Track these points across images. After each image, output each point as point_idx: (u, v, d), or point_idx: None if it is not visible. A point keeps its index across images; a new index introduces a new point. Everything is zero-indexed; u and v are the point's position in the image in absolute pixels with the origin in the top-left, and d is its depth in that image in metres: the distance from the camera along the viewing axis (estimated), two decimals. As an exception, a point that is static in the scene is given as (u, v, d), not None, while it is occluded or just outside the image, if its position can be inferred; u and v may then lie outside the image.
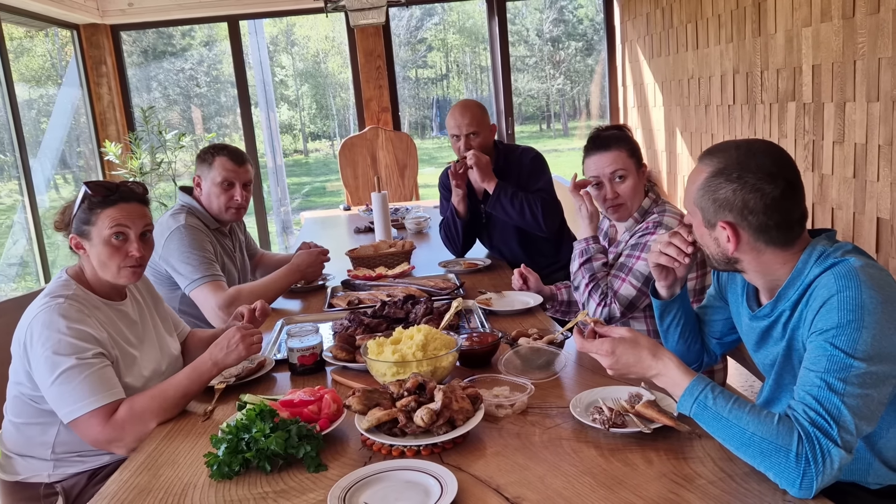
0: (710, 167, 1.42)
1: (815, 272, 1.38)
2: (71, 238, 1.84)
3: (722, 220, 1.41)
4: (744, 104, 4.27)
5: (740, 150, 1.41)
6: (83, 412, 1.68)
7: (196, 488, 1.40)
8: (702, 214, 1.45)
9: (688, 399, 1.32)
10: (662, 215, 2.17)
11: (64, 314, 1.72)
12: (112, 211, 1.82)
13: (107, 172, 6.13)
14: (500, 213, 2.97)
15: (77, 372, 1.68)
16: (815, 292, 1.35)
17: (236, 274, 2.83)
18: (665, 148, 5.57)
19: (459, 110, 3.01)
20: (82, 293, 1.83)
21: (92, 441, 1.71)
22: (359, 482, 1.33)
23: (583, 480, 1.31)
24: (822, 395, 1.23)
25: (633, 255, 2.14)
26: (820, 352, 1.27)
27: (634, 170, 2.21)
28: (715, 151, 1.44)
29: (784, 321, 1.44)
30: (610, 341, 1.44)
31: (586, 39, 15.88)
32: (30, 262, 5.32)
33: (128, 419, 1.69)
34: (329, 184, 14.62)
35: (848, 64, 3.25)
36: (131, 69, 6.69)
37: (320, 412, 1.56)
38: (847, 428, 1.21)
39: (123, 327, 1.90)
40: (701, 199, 1.43)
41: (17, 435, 1.87)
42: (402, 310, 2.29)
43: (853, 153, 3.27)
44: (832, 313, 1.28)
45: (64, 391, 1.68)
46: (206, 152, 2.75)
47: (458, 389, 1.54)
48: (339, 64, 16.01)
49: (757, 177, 1.37)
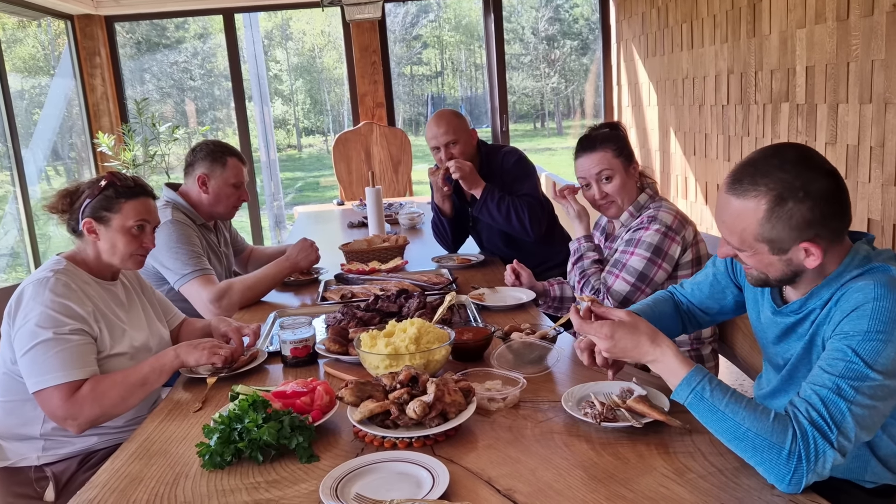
0: (765, 196, 1.31)
1: (853, 274, 1.35)
2: (85, 221, 1.90)
3: (804, 242, 1.32)
4: (738, 104, 4.29)
5: (783, 165, 1.31)
6: (49, 384, 1.72)
7: (188, 478, 1.40)
8: (770, 246, 1.35)
9: (684, 389, 1.31)
10: (658, 210, 2.18)
11: (51, 289, 1.78)
12: (136, 203, 1.94)
13: (99, 164, 6.10)
14: (486, 217, 2.94)
15: (52, 345, 1.73)
16: (847, 294, 1.32)
17: (220, 269, 2.83)
18: (659, 147, 5.59)
19: (435, 121, 2.99)
20: (73, 269, 1.89)
21: (50, 414, 1.76)
22: (351, 473, 1.33)
23: (574, 474, 1.32)
24: (830, 397, 1.22)
25: (627, 251, 2.15)
26: (839, 355, 1.25)
27: (621, 168, 2.22)
28: (755, 177, 1.33)
29: (813, 319, 1.41)
30: (609, 324, 1.41)
31: (581, 38, 15.90)
32: (21, 252, 5.29)
33: (87, 399, 1.73)
34: (323, 179, 14.60)
35: (841, 65, 3.27)
36: (125, 61, 6.66)
37: (313, 403, 1.56)
38: (847, 434, 1.20)
39: (112, 303, 1.95)
40: (771, 231, 1.32)
41: (7, 415, 1.88)
42: (395, 304, 2.29)
43: (845, 154, 3.29)
44: (863, 320, 1.25)
45: (36, 361, 1.73)
46: (218, 152, 2.75)
47: (451, 382, 1.55)
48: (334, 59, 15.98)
49: (820, 183, 1.30)
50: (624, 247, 2.16)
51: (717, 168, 4.63)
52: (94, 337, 1.82)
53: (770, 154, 1.35)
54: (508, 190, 2.96)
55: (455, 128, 2.97)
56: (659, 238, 2.11)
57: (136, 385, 1.79)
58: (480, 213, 2.94)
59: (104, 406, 1.76)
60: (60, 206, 1.94)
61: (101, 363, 1.84)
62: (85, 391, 1.74)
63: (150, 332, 2.04)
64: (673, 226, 2.14)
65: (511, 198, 2.90)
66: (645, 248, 2.11)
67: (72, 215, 1.93)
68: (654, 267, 2.11)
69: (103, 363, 1.84)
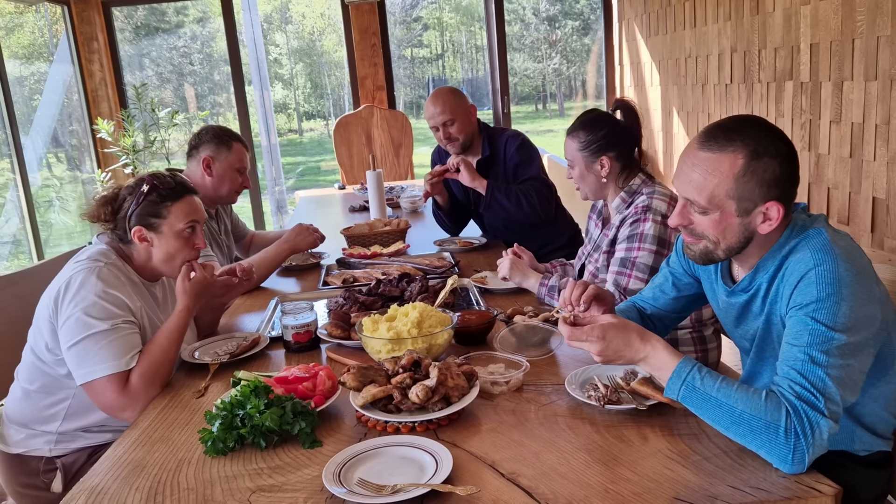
0: (742, 150, 1.33)
1: (791, 244, 1.39)
2: (136, 230, 1.85)
3: (770, 201, 1.34)
4: (741, 83, 4.25)
5: (754, 125, 1.36)
6: (101, 374, 1.70)
7: (191, 464, 1.40)
8: (738, 204, 1.36)
9: (676, 381, 1.30)
10: (651, 198, 2.14)
11: (102, 277, 1.75)
12: (183, 205, 1.88)
13: (99, 150, 6.09)
14: (497, 209, 2.86)
15: (104, 335, 1.70)
16: (790, 267, 1.36)
17: (221, 257, 2.82)
18: (661, 128, 5.55)
19: (432, 101, 2.96)
20: (121, 264, 1.86)
21: (104, 405, 1.73)
22: (354, 458, 1.33)
23: (578, 457, 1.31)
24: (806, 368, 1.24)
25: (632, 248, 2.11)
26: (801, 326, 1.28)
27: (581, 161, 2.20)
28: (729, 134, 1.35)
29: (763, 294, 1.44)
30: (599, 327, 1.38)
31: (583, 18, 15.76)
32: (22, 240, 5.29)
33: (140, 385, 1.71)
34: (324, 163, 14.56)
35: (846, 42, 3.23)
36: (123, 46, 6.61)
37: (315, 389, 1.55)
38: (833, 399, 1.22)
39: (153, 304, 1.94)
40: (744, 186, 1.34)
41: (26, 403, 1.86)
42: (397, 288, 2.28)
43: (850, 132, 3.26)
44: (811, 287, 1.29)
45: (87, 352, 1.70)
46: (224, 135, 2.76)
47: (454, 366, 1.54)
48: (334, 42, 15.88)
49: (783, 145, 1.35)
50: (627, 244, 2.12)
51: (720, 148, 4.59)
52: (141, 328, 1.81)
53: (738, 120, 1.40)
54: (514, 175, 2.94)
55: (452, 107, 2.94)
56: (660, 228, 2.09)
57: (166, 345, 1.78)
58: (490, 208, 2.86)
59: (156, 383, 1.74)
60: (102, 215, 1.88)
61: None
62: (135, 380, 1.71)
63: None
64: (668, 213, 2.12)
65: (516, 186, 2.87)
66: (649, 241, 2.08)
67: (117, 224, 1.88)
68: (662, 258, 2.08)
69: None
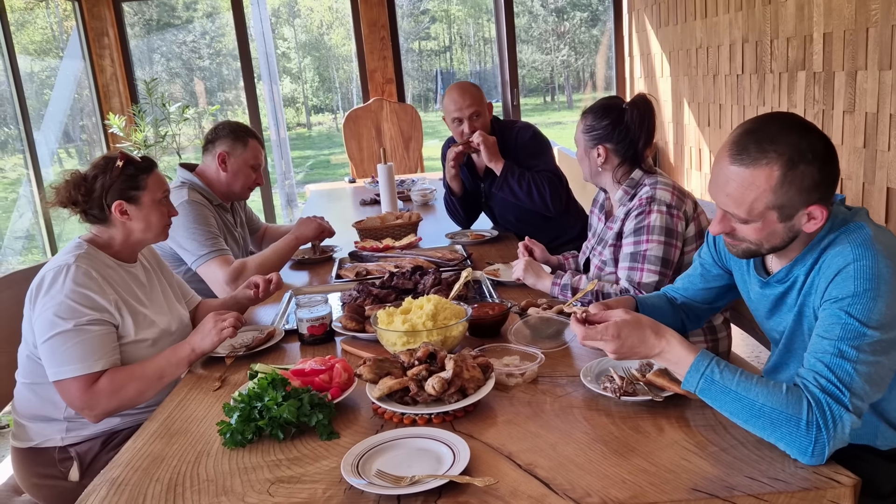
0: (776, 162, 1.29)
1: (831, 237, 1.37)
2: (116, 204, 1.88)
3: (811, 205, 1.32)
4: (753, 74, 4.22)
5: (786, 129, 1.31)
6: (68, 375, 1.73)
7: (210, 456, 1.41)
8: (779, 213, 1.33)
9: (694, 375, 1.29)
10: (654, 188, 2.13)
11: (72, 277, 1.77)
12: (155, 176, 1.97)
13: (111, 145, 6.11)
14: (507, 194, 2.90)
15: (72, 335, 1.73)
16: (828, 259, 1.34)
17: (237, 249, 2.84)
18: (672, 119, 5.52)
19: (458, 92, 2.95)
20: (95, 252, 1.87)
21: (68, 403, 1.79)
22: (371, 449, 1.34)
23: (595, 448, 1.31)
24: (834, 362, 1.23)
25: (640, 241, 2.10)
26: (834, 319, 1.26)
27: (582, 144, 2.22)
28: (761, 144, 1.31)
29: (799, 287, 1.43)
30: (614, 325, 1.37)
31: (591, 10, 15.68)
32: (36, 235, 5.33)
33: (105, 391, 1.75)
34: (333, 157, 14.57)
35: (860, 31, 3.20)
36: (133, 41, 6.62)
37: (331, 381, 1.56)
38: (858, 394, 1.21)
39: (134, 286, 1.94)
40: (783, 197, 1.31)
41: (30, 396, 1.89)
42: (410, 280, 2.28)
43: (864, 123, 3.23)
44: (848, 282, 1.27)
45: (55, 351, 1.74)
46: (241, 132, 2.76)
47: (469, 358, 1.54)
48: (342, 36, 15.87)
49: (820, 144, 1.30)
50: (634, 237, 2.11)
51: (731, 139, 4.57)
52: (115, 325, 1.82)
53: (767, 121, 1.34)
54: (525, 166, 2.94)
55: (479, 100, 2.95)
56: (665, 219, 2.08)
57: (153, 379, 1.80)
58: (501, 189, 2.90)
59: (121, 399, 1.78)
60: (74, 197, 1.87)
61: (124, 349, 1.84)
62: (103, 384, 1.75)
63: (171, 315, 2.03)
64: (673, 203, 2.10)
65: (531, 174, 2.87)
66: (657, 233, 2.07)
67: (91, 203, 1.88)
68: (672, 249, 2.08)
69: (126, 349, 1.85)
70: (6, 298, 2.16)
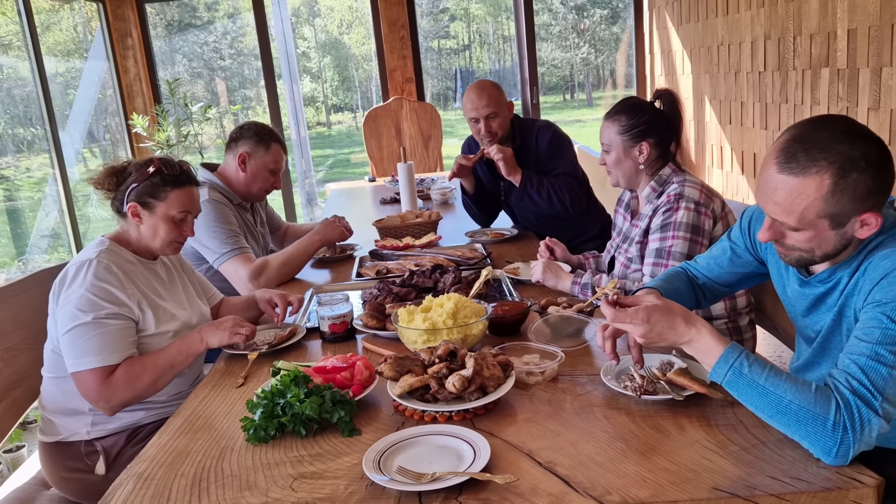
0: (827, 171, 1.26)
1: (878, 239, 1.34)
2: (130, 205, 1.92)
3: (864, 213, 1.29)
4: (775, 71, 4.18)
5: (837, 136, 1.27)
6: (86, 367, 1.77)
7: (233, 451, 1.43)
8: (831, 221, 1.30)
9: (722, 366, 1.29)
10: (683, 186, 2.13)
11: (94, 272, 1.81)
12: (181, 193, 1.95)
13: (135, 145, 6.19)
14: (528, 204, 2.94)
15: (91, 328, 1.77)
16: (874, 262, 1.31)
17: (257, 248, 2.86)
18: (693, 116, 5.49)
19: (476, 92, 2.94)
20: (117, 248, 1.92)
21: (84, 395, 1.82)
22: (393, 446, 1.35)
23: (615, 446, 1.32)
24: (870, 365, 1.21)
25: (666, 237, 2.09)
26: (874, 322, 1.24)
27: (620, 145, 2.19)
28: (810, 152, 1.27)
29: (842, 288, 1.40)
30: (644, 309, 1.37)
31: (612, 7, 15.58)
32: (62, 233, 5.41)
33: (121, 381, 1.79)
34: (353, 156, 14.62)
35: (885, 28, 3.16)
36: (156, 42, 6.70)
37: (353, 378, 1.58)
38: (891, 400, 1.19)
39: (154, 282, 1.98)
40: (835, 206, 1.28)
41: (55, 391, 1.93)
42: (430, 279, 2.29)
43: (889, 120, 3.19)
44: (893, 286, 1.24)
45: (74, 342, 1.78)
46: (265, 134, 2.79)
47: (489, 357, 1.55)
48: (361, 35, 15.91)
49: (874, 151, 1.26)
50: (660, 233, 2.10)
51: (753, 137, 4.53)
52: (134, 320, 1.86)
53: (817, 127, 1.30)
54: (544, 168, 2.93)
55: (496, 100, 2.94)
56: (693, 216, 2.07)
57: (164, 369, 1.85)
58: (521, 200, 2.93)
59: (136, 390, 1.81)
60: (107, 184, 1.96)
61: (146, 341, 1.88)
62: (119, 374, 1.79)
63: (192, 310, 2.07)
64: (701, 201, 2.09)
65: (549, 180, 2.87)
66: (683, 229, 2.06)
67: (117, 196, 1.95)
68: (697, 246, 2.06)
69: (147, 341, 1.89)
70: (33, 297, 2.20)
